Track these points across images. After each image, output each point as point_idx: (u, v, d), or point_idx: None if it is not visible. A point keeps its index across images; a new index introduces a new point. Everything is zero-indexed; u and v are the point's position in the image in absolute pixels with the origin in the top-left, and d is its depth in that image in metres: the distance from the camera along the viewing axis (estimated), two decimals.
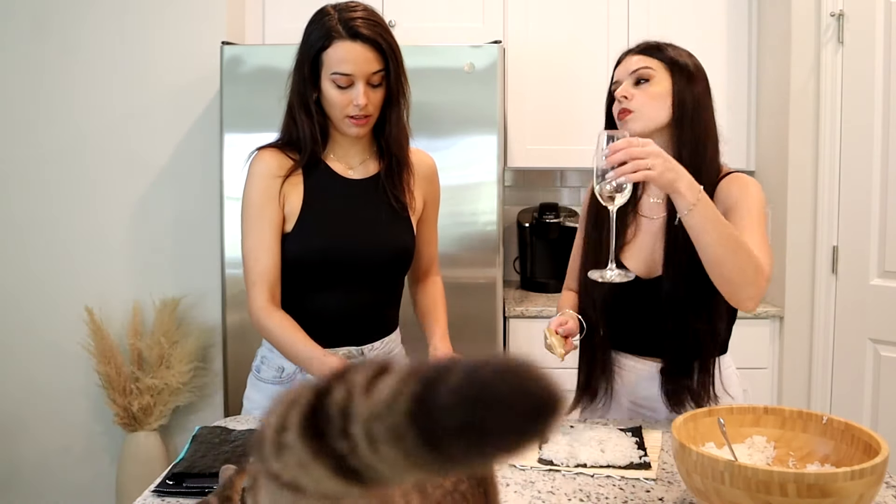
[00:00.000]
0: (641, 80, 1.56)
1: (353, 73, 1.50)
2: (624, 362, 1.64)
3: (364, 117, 1.54)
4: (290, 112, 1.59)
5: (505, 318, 2.69)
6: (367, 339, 1.65)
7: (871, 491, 1.02)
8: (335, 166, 1.62)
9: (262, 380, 1.66)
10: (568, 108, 2.93)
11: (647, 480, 1.28)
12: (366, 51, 1.50)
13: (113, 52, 2.86)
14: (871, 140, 2.53)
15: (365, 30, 1.49)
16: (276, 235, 1.57)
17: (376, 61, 1.51)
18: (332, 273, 1.59)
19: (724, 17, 2.95)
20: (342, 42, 1.49)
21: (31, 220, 2.90)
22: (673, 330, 1.54)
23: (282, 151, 1.60)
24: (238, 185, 2.58)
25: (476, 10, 2.96)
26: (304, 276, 1.60)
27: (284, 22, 2.95)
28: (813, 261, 2.67)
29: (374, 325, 1.66)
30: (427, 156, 1.72)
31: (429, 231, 1.74)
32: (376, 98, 1.54)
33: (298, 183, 1.59)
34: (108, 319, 2.83)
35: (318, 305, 1.60)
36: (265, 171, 1.58)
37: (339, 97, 1.52)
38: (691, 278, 1.50)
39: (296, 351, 1.52)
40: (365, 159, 1.64)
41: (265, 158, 1.59)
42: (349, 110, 1.53)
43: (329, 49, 1.51)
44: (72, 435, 2.94)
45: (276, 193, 1.57)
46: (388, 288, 1.67)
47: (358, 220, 1.60)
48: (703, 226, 1.36)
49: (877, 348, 2.55)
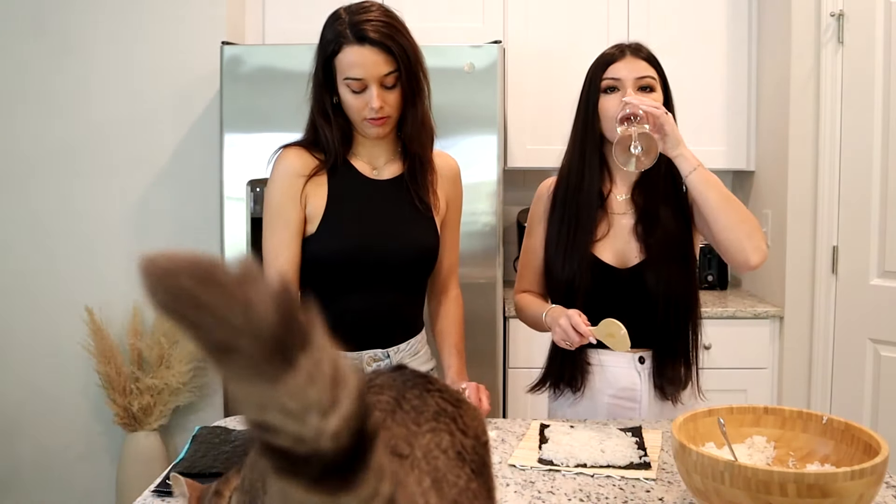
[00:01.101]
0: (646, 88, 1.60)
1: (364, 78, 1.50)
2: (602, 358, 1.65)
3: (382, 118, 1.53)
4: (312, 115, 1.60)
5: (505, 318, 2.69)
6: (393, 340, 1.64)
7: (871, 491, 1.02)
8: (360, 167, 1.62)
9: None
10: (568, 108, 2.91)
11: (647, 480, 1.28)
12: (375, 54, 1.49)
13: (113, 52, 2.86)
14: (871, 140, 2.53)
15: (373, 33, 1.48)
16: (294, 235, 1.57)
17: (387, 64, 1.50)
18: (356, 274, 1.58)
19: (724, 17, 2.95)
20: (351, 47, 1.49)
21: (32, 220, 2.90)
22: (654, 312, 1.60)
23: (307, 151, 1.59)
24: (238, 185, 2.60)
25: (476, 10, 2.96)
26: (329, 278, 1.59)
27: (284, 22, 2.95)
28: (813, 261, 2.67)
29: (399, 326, 1.65)
30: (451, 158, 1.72)
31: (450, 235, 1.73)
32: (392, 99, 1.53)
33: (323, 184, 1.59)
34: (108, 319, 2.83)
35: (343, 307, 1.59)
36: (289, 170, 1.58)
37: (355, 101, 1.52)
38: (668, 258, 1.60)
39: None
40: (389, 160, 1.64)
41: (289, 157, 1.59)
42: (366, 113, 1.52)
43: (340, 54, 1.51)
44: (72, 435, 2.94)
45: (298, 193, 1.57)
46: (412, 288, 1.67)
47: (382, 220, 1.60)
48: (705, 184, 1.52)
49: (877, 348, 2.55)
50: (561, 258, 1.64)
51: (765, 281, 2.90)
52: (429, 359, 1.73)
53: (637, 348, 1.62)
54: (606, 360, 1.65)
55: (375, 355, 1.61)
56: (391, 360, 1.62)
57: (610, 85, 1.61)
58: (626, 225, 1.65)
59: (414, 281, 1.66)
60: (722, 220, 1.51)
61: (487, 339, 2.59)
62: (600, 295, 1.61)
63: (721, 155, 2.94)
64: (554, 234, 1.67)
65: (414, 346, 1.68)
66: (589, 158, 1.64)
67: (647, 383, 1.64)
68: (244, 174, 2.57)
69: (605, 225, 1.65)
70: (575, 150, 1.67)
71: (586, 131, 1.65)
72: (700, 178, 1.52)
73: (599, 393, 1.66)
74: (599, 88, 1.62)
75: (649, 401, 1.64)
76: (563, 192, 1.68)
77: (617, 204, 1.67)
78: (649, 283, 1.60)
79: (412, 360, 1.66)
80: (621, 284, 1.62)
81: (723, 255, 1.58)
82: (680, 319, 1.63)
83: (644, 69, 1.60)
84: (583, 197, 1.64)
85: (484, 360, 2.57)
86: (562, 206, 1.67)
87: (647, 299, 1.60)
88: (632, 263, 1.62)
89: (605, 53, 1.65)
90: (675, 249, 1.62)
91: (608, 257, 1.63)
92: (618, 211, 1.67)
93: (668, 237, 1.62)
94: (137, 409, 2.73)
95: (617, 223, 1.65)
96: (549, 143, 2.96)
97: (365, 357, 1.61)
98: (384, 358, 1.62)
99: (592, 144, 1.64)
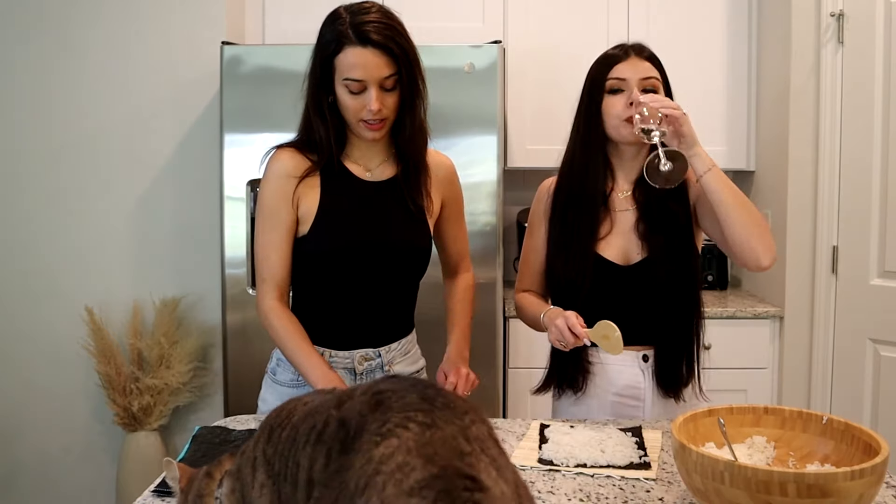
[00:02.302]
0: (651, 89, 1.60)
1: (365, 79, 1.49)
2: (604, 356, 1.65)
3: (379, 122, 1.53)
4: (306, 114, 1.59)
5: (505, 318, 2.69)
6: (384, 340, 1.64)
7: (871, 491, 1.02)
8: (353, 168, 1.62)
9: (279, 382, 1.65)
10: (568, 108, 2.91)
11: (647, 480, 1.28)
12: (376, 56, 1.47)
13: (113, 52, 2.86)
14: (871, 140, 2.53)
15: (375, 35, 1.47)
16: (286, 236, 1.57)
17: (387, 66, 1.49)
18: (348, 275, 1.59)
19: (724, 17, 2.95)
20: (353, 48, 1.47)
21: (32, 219, 2.90)
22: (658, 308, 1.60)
23: (300, 152, 1.59)
24: (238, 185, 2.60)
25: (476, 10, 2.96)
26: (320, 278, 1.60)
27: (284, 22, 2.96)
28: (813, 261, 2.67)
29: (390, 326, 1.66)
30: (444, 157, 1.72)
31: (453, 229, 1.74)
32: (390, 101, 1.53)
33: (315, 185, 1.59)
34: (108, 319, 2.83)
35: (335, 307, 1.60)
36: (280, 170, 1.58)
37: (353, 102, 1.51)
38: (670, 255, 1.60)
39: (297, 360, 1.52)
40: (382, 161, 1.64)
41: (282, 158, 1.59)
42: (363, 115, 1.52)
43: (340, 55, 1.49)
44: (72, 435, 2.94)
45: (290, 194, 1.57)
46: (404, 289, 1.67)
47: (374, 222, 1.60)
48: (720, 184, 1.52)
49: (877, 348, 2.55)
50: (563, 256, 1.64)
51: (765, 281, 2.90)
52: (418, 358, 1.74)
53: (640, 346, 1.63)
54: (609, 359, 1.65)
55: (367, 354, 1.62)
56: (382, 359, 1.63)
57: (615, 86, 1.60)
58: (629, 221, 1.65)
59: (405, 282, 1.66)
60: (735, 220, 1.51)
61: (487, 339, 2.59)
62: (603, 292, 1.61)
63: (721, 155, 2.94)
64: (556, 233, 1.67)
65: (405, 345, 1.68)
66: (592, 158, 1.64)
67: (650, 381, 1.64)
68: (244, 174, 2.57)
69: (607, 223, 1.65)
70: (576, 150, 1.67)
71: (589, 131, 1.64)
72: (715, 177, 1.52)
73: (603, 391, 1.66)
74: (604, 89, 1.62)
75: (653, 399, 1.64)
76: (564, 192, 1.68)
77: (619, 201, 1.67)
78: (652, 280, 1.60)
79: (402, 359, 1.67)
80: (624, 281, 1.62)
81: (734, 256, 1.58)
82: (683, 316, 1.63)
83: (648, 70, 1.60)
84: (585, 196, 1.64)
85: (484, 360, 2.57)
86: (563, 205, 1.67)
87: (650, 296, 1.61)
88: (634, 260, 1.63)
89: (608, 54, 1.64)
90: (678, 245, 1.62)
91: (611, 254, 1.63)
92: (620, 208, 1.67)
93: (670, 233, 1.62)
94: (137, 409, 2.73)
95: (619, 220, 1.66)
96: (549, 143, 2.95)
97: (356, 356, 1.61)
98: (375, 357, 1.62)
99: (596, 144, 1.64)
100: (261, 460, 0.84)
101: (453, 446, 0.70)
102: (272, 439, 0.84)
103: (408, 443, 0.69)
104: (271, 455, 0.83)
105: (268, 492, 0.81)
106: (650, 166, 1.50)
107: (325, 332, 1.61)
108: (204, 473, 0.95)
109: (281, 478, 0.80)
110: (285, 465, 0.80)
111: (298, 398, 0.91)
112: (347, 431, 0.74)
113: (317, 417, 0.79)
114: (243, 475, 0.86)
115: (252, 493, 0.84)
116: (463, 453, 0.70)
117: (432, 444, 0.69)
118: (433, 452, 0.68)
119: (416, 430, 0.70)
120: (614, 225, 1.65)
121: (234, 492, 0.87)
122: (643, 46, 1.64)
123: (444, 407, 0.75)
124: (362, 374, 1.62)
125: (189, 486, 0.96)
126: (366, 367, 1.62)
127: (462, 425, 0.73)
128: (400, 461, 0.67)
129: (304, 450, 0.77)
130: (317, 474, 0.74)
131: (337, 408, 0.78)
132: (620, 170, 1.68)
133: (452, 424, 0.72)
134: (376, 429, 0.71)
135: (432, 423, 0.72)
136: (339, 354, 1.61)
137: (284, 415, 0.86)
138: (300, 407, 0.86)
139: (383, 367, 1.64)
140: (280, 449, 0.82)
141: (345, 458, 0.72)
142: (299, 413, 0.84)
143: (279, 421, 0.85)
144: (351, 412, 0.76)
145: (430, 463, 0.67)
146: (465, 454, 0.70)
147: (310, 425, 0.79)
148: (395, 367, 1.65)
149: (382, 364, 1.63)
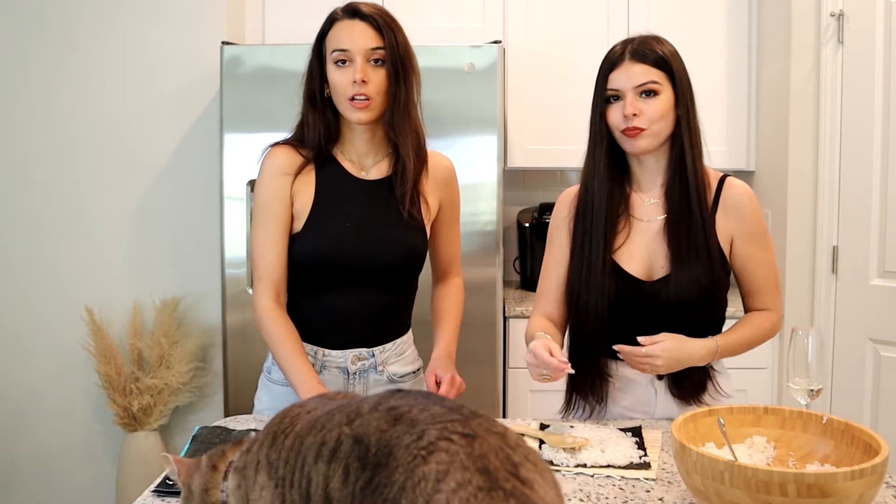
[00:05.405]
0: (648, 93, 1.53)
1: (350, 49, 1.52)
2: (621, 371, 1.61)
3: (365, 99, 1.52)
4: (302, 108, 1.61)
5: (505, 317, 2.69)
6: (379, 340, 1.64)
7: (871, 491, 1.02)
8: (348, 166, 1.62)
9: (274, 381, 1.65)
10: (568, 108, 2.93)
11: (647, 480, 1.28)
12: (364, 27, 1.53)
13: (113, 52, 2.86)
14: (871, 140, 2.53)
15: (365, 8, 1.55)
16: (282, 233, 1.57)
17: (375, 38, 1.53)
18: (340, 274, 1.58)
19: (724, 17, 2.95)
20: (341, 21, 1.55)
21: (31, 219, 2.90)
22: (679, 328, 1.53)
23: (294, 148, 1.60)
24: (238, 185, 2.59)
25: (476, 10, 2.96)
26: (314, 277, 1.60)
27: (284, 22, 2.95)
28: (813, 261, 2.67)
29: (385, 327, 1.65)
30: (444, 158, 1.71)
31: (447, 232, 1.73)
32: (378, 78, 1.53)
33: (310, 182, 1.59)
34: (108, 319, 2.83)
35: (328, 306, 1.60)
36: (275, 168, 1.58)
37: (341, 77, 1.53)
38: (699, 274, 1.54)
39: (288, 369, 1.51)
40: (379, 160, 1.64)
41: (277, 155, 1.60)
42: (350, 90, 1.52)
43: (330, 32, 1.56)
44: (72, 435, 2.94)
45: (285, 191, 1.57)
46: (398, 290, 1.66)
47: (367, 221, 1.60)
48: (734, 352, 1.61)
49: (877, 348, 2.55)
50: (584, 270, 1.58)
51: None
52: (415, 359, 1.73)
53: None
54: (624, 373, 1.60)
55: (360, 354, 1.61)
56: (376, 359, 1.63)
57: (611, 95, 1.55)
58: (651, 232, 1.59)
59: (399, 283, 1.65)
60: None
61: (487, 339, 2.59)
62: (620, 310, 1.55)
63: (721, 155, 2.94)
64: (577, 245, 1.61)
65: (400, 346, 1.67)
66: (603, 165, 1.58)
67: (662, 397, 1.60)
68: (244, 174, 2.57)
69: (625, 231, 1.58)
70: (588, 157, 1.61)
71: (595, 140, 1.60)
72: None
73: (614, 404, 1.63)
74: (603, 98, 1.57)
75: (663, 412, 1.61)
76: (583, 202, 1.61)
77: (643, 209, 1.61)
78: (676, 293, 1.53)
79: (398, 360, 1.66)
80: (646, 296, 1.55)
81: None
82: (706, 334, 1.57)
83: (643, 74, 1.52)
84: (598, 206, 1.58)
85: (484, 360, 2.57)
86: (583, 215, 1.61)
87: (671, 313, 1.54)
88: (657, 273, 1.56)
89: (608, 57, 1.58)
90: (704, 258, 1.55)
91: (631, 267, 1.57)
92: (642, 217, 1.60)
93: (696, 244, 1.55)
94: (137, 409, 2.73)
95: (639, 230, 1.59)
96: (549, 143, 2.97)
97: (349, 356, 1.61)
98: (369, 357, 1.62)
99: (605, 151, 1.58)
100: (263, 463, 0.85)
101: (504, 457, 0.70)
102: (275, 444, 0.84)
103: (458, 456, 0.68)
104: (274, 459, 0.83)
105: (268, 494, 0.82)
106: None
107: (318, 330, 1.61)
108: (208, 466, 0.96)
109: (286, 483, 0.80)
110: (291, 473, 0.80)
111: (301, 404, 0.91)
112: (367, 448, 0.73)
113: (325, 434, 0.78)
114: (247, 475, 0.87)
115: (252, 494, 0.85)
116: (515, 463, 0.70)
117: (484, 457, 0.69)
118: (488, 465, 0.68)
119: (462, 441, 0.70)
120: (632, 232, 1.59)
121: (240, 488, 0.88)
122: (642, 48, 1.55)
123: (473, 416, 0.74)
124: (355, 373, 1.61)
125: (191, 478, 0.97)
126: (359, 366, 1.61)
127: (499, 433, 0.73)
128: (459, 479, 0.66)
129: (317, 465, 0.77)
130: (335, 492, 0.73)
131: (348, 425, 0.77)
132: (643, 177, 1.61)
133: (491, 433, 0.72)
134: (413, 442, 0.70)
135: (473, 433, 0.71)
136: (331, 354, 1.61)
137: (287, 421, 0.86)
138: (303, 414, 0.86)
139: (377, 367, 1.63)
140: (284, 455, 0.82)
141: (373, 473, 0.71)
142: (302, 421, 0.84)
143: (282, 427, 0.86)
144: (366, 429, 0.75)
145: (487, 476, 0.67)
146: (517, 464, 0.70)
147: (318, 441, 0.78)
148: (390, 368, 1.64)
149: (376, 364, 1.63)
